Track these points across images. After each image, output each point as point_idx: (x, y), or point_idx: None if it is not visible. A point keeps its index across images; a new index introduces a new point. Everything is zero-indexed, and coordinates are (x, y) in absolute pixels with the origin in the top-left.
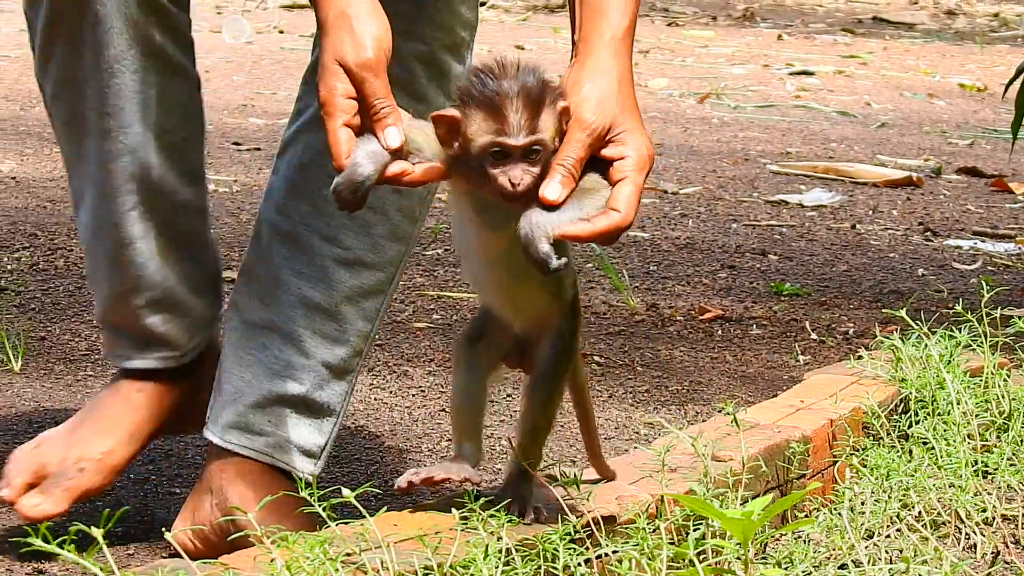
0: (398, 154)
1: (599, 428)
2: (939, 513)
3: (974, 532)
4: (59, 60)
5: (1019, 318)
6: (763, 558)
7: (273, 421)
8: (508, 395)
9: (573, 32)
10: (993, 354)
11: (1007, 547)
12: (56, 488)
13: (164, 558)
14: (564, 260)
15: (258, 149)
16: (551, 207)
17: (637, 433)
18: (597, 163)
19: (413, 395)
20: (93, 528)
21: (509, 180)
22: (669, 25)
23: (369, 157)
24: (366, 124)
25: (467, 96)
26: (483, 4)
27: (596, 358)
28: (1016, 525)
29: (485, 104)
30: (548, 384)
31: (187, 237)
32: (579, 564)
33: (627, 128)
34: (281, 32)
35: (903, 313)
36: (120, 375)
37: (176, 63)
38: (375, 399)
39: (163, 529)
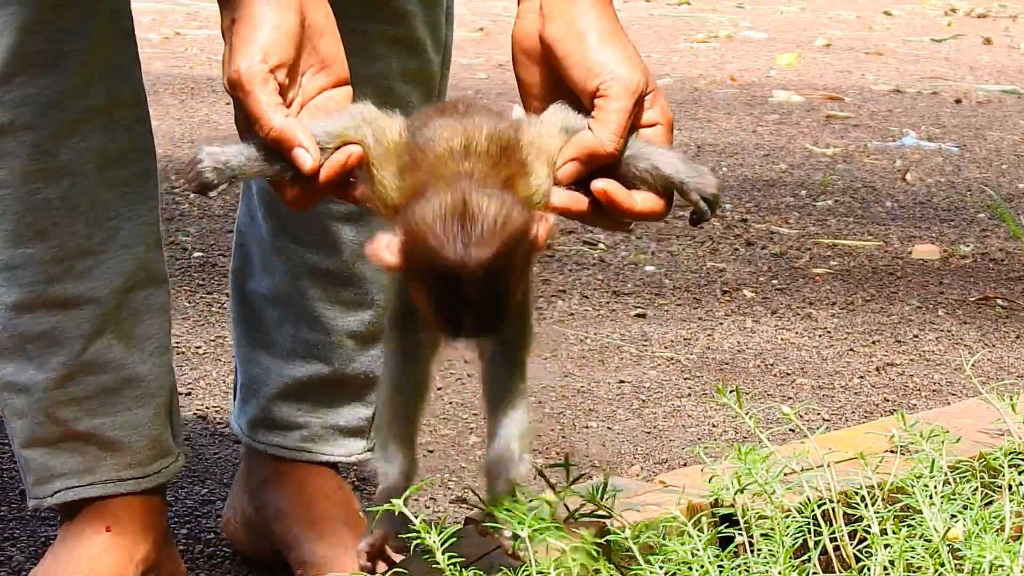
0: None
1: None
2: None
3: None
4: None
5: None
6: None
7: (305, 409)
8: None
9: None
10: None
11: None
12: None
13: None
14: None
15: None
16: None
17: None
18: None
19: (819, 336)
20: None
21: None
22: None
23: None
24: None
25: None
26: None
27: (999, 302)
28: None
29: None
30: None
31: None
32: None
33: (654, 89)
34: (647, 0)
35: None
36: (72, 512)
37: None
38: (782, 340)
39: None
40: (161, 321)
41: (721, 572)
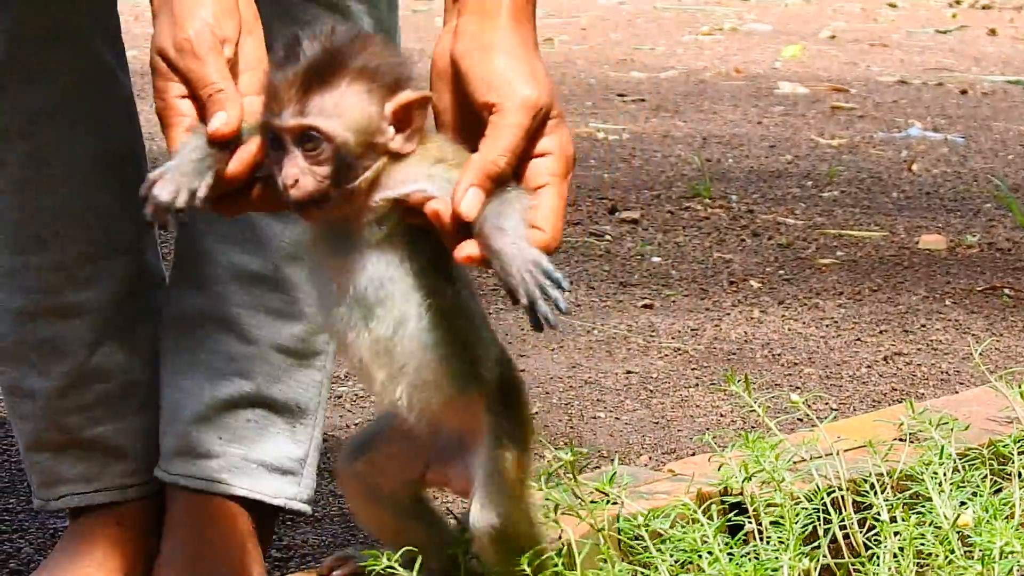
0: (237, 141)
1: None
2: None
3: None
4: None
5: None
6: None
7: (225, 436)
8: None
9: None
10: None
11: None
12: None
13: None
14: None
15: (643, 100)
16: (466, 225)
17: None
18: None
19: (827, 326)
20: None
21: (281, 180)
22: None
23: (182, 173)
24: (202, 117)
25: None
26: None
27: (1007, 291)
28: None
29: (267, 82)
30: (502, 503)
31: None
32: None
33: (558, 116)
34: None
35: None
36: (76, 516)
37: None
38: (789, 330)
39: None
40: (155, 323)
41: (731, 559)
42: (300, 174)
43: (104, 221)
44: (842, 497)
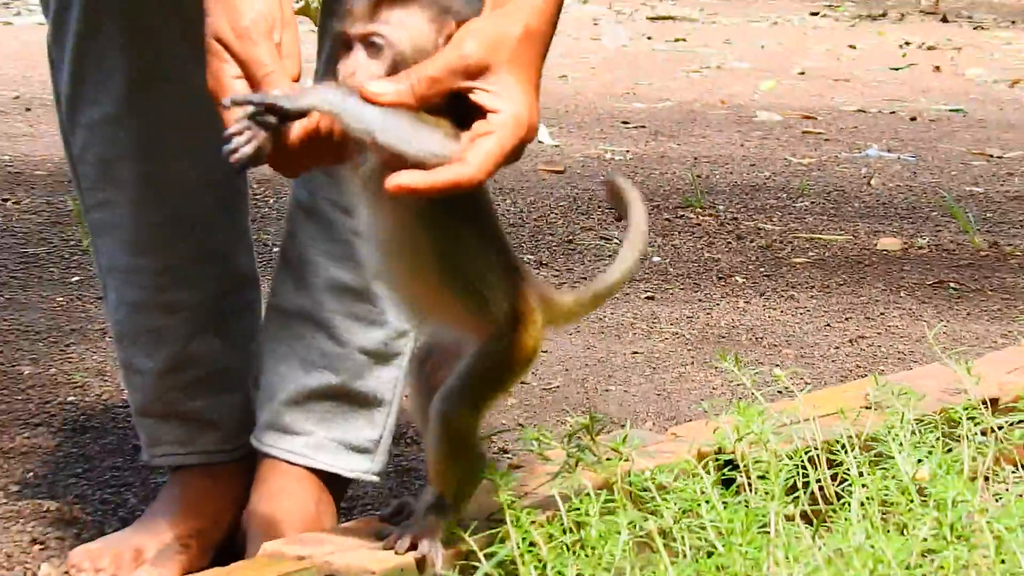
0: (288, 119)
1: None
2: None
3: None
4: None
5: None
6: None
7: (313, 418)
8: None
9: None
10: None
11: None
12: (168, 561)
13: None
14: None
15: (643, 126)
16: (369, 102)
17: (995, 343)
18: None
19: (801, 314)
20: None
21: (343, 69)
22: (975, 29)
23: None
24: None
25: None
26: (815, 14)
27: (952, 285)
28: None
29: None
30: (457, 401)
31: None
32: None
33: (512, 82)
34: (649, 38)
35: None
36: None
37: None
38: (769, 317)
39: None
40: (251, 318)
41: (725, 507)
42: (358, 67)
43: (205, 231)
44: (817, 456)
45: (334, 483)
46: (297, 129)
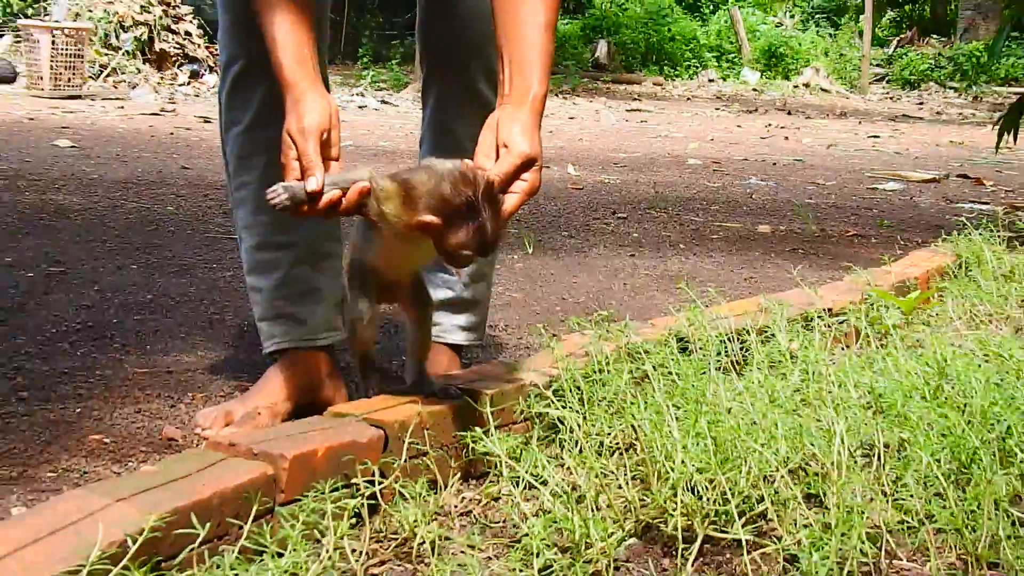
0: (316, 196)
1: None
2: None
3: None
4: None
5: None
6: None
7: (442, 314)
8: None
9: (502, 88)
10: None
11: None
12: (244, 424)
13: None
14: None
15: (625, 166)
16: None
17: (827, 281)
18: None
19: (717, 265)
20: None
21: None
22: (806, 118)
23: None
24: (302, 176)
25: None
26: (718, 109)
27: (800, 250)
28: None
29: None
30: (427, 304)
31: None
32: None
33: (539, 166)
34: (627, 120)
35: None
36: (276, 358)
37: None
38: (699, 266)
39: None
40: (334, 260)
41: (683, 362)
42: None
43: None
44: (734, 336)
45: (457, 350)
46: (323, 198)
